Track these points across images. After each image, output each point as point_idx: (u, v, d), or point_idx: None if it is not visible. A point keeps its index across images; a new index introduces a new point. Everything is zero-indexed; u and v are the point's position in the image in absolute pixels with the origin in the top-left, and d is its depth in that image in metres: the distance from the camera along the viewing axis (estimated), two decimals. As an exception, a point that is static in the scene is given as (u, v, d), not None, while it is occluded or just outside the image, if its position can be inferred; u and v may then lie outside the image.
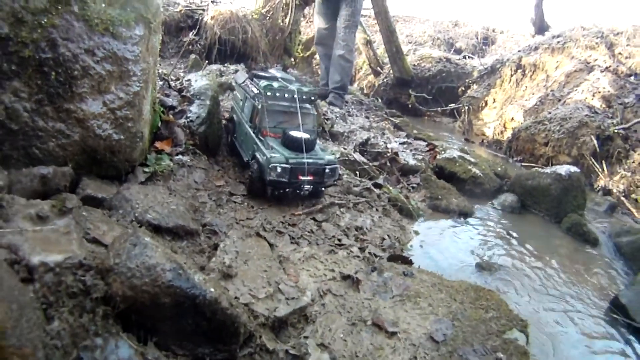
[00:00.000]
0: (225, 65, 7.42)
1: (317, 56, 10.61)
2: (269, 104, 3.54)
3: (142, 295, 1.55)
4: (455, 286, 2.72)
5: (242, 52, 8.51)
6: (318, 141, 3.67)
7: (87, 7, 2.43)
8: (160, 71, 4.07)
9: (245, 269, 2.40)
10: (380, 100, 9.85)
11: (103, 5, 2.50)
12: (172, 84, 4.13)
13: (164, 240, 2.46)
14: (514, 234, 4.18)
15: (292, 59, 9.57)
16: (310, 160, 3.31)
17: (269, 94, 3.55)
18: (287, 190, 3.36)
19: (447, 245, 3.74)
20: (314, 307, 2.32)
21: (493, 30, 17.86)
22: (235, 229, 2.89)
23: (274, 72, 4.18)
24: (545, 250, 3.96)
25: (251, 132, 3.60)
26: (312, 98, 3.75)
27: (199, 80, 3.99)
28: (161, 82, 3.98)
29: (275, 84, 3.64)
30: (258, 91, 3.63)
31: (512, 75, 9.65)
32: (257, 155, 3.38)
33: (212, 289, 1.69)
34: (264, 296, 2.21)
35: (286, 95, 3.62)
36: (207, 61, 6.77)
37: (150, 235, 1.81)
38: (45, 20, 2.29)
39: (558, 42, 9.45)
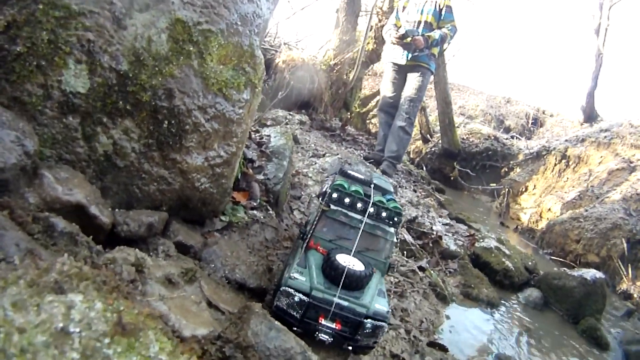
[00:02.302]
0: (291, 113, 7.67)
1: (372, 113, 10.90)
2: (331, 210, 2.70)
3: None
4: None
5: (305, 100, 8.70)
6: (381, 281, 2.64)
7: (206, 65, 2.62)
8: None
9: (315, 342, 2.41)
10: (424, 167, 10.04)
11: (220, 66, 2.70)
12: (253, 135, 4.30)
13: (245, 297, 2.62)
14: (533, 330, 4.33)
15: (349, 114, 9.81)
16: (345, 304, 2.31)
17: (334, 195, 2.71)
18: (295, 329, 2.29)
19: (473, 333, 3.88)
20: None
21: (543, 112, 17.97)
22: None
23: (374, 176, 3.22)
24: (559, 349, 4.11)
25: (299, 237, 2.88)
26: (396, 219, 2.75)
27: (277, 138, 4.18)
28: (244, 133, 4.17)
29: (353, 187, 2.79)
30: (325, 190, 2.85)
31: (555, 165, 9.76)
32: (285, 269, 2.63)
33: None
34: None
35: (359, 204, 2.71)
36: (271, 104, 7.07)
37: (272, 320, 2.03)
38: (166, 69, 2.48)
39: (605, 136, 9.57)
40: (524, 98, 18.81)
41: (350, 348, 2.40)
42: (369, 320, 2.31)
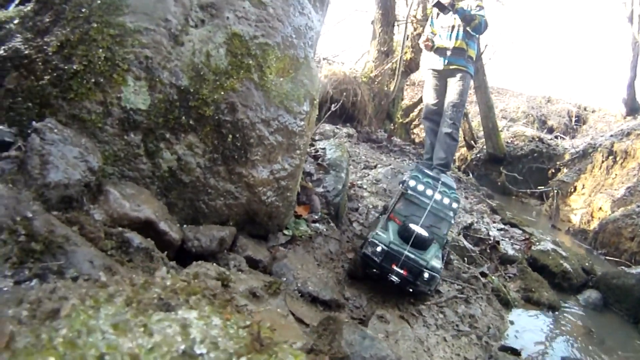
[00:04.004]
0: (338, 127, 7.67)
1: (415, 123, 10.83)
2: (409, 193, 3.65)
3: None
4: None
5: (350, 113, 8.71)
6: (439, 250, 3.49)
7: (266, 78, 2.61)
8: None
9: (399, 348, 2.63)
10: (471, 174, 9.90)
11: (280, 78, 2.69)
12: (308, 149, 4.29)
13: (317, 309, 2.60)
14: (595, 331, 4.22)
15: (393, 125, 9.77)
16: (411, 256, 3.14)
17: (411, 183, 3.69)
18: (375, 271, 3.19)
19: (537, 337, 3.85)
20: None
21: (585, 109, 17.62)
22: (374, 302, 3.14)
23: (442, 175, 4.32)
24: (622, 350, 3.98)
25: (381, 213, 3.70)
26: (455, 206, 3.73)
27: (332, 150, 4.18)
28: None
29: (425, 179, 3.77)
30: (406, 178, 3.75)
31: (603, 162, 9.49)
32: (370, 230, 3.45)
33: None
34: None
35: (428, 191, 3.69)
36: (323, 118, 7.07)
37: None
38: (227, 83, 2.47)
39: None
40: (564, 96, 18.54)
41: (411, 290, 3.19)
42: (427, 270, 3.10)
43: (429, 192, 3.69)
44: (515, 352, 3.26)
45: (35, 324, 1.02)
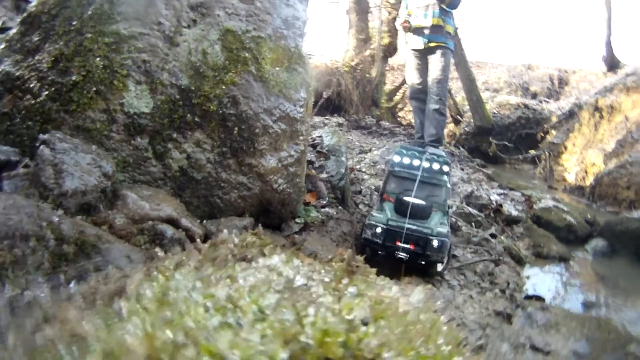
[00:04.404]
0: (327, 118, 7.74)
1: (399, 106, 10.88)
2: (396, 170, 3.53)
3: None
4: (581, 317, 3.17)
5: (336, 104, 8.77)
6: (443, 217, 3.39)
7: (263, 69, 2.66)
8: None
9: None
10: (462, 148, 9.97)
11: (276, 68, 2.74)
12: (306, 138, 4.36)
13: None
14: (607, 276, 4.38)
15: (379, 110, 9.82)
16: (413, 227, 3.04)
17: (396, 159, 3.58)
18: (380, 253, 3.13)
19: (555, 286, 4.02)
20: (481, 338, 2.62)
21: (565, 71, 17.60)
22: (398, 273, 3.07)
23: (429, 149, 4.25)
24: (635, 290, 4.07)
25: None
26: (445, 168, 3.58)
27: (329, 137, 4.24)
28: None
29: (409, 152, 3.62)
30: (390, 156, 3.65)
31: (590, 119, 9.55)
32: (367, 215, 3.39)
33: None
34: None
35: (415, 162, 3.55)
36: (313, 111, 7.10)
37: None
38: (227, 77, 2.52)
39: (632, 80, 9.34)
40: (544, 61, 18.53)
41: (423, 263, 3.10)
42: (434, 237, 3.01)
43: (416, 162, 3.56)
44: (540, 299, 3.39)
45: (100, 305, 1.02)
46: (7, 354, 0.92)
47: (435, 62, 7.00)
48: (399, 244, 3.01)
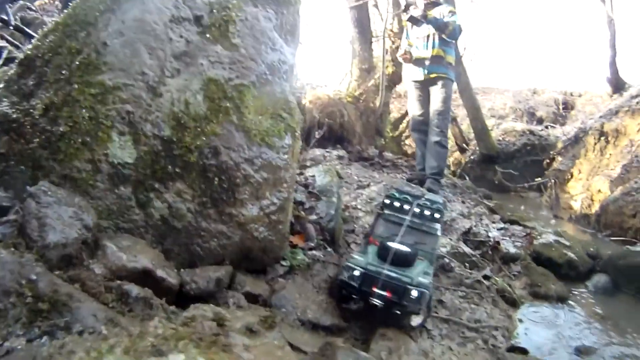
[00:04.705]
0: (328, 150, 7.74)
1: (404, 134, 10.88)
2: (385, 214, 3.51)
3: None
4: None
5: (339, 135, 8.73)
6: (429, 266, 3.21)
7: (245, 118, 2.70)
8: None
9: None
10: (467, 177, 9.92)
11: (259, 116, 2.78)
12: (298, 178, 4.32)
13: (319, 335, 2.64)
14: (607, 316, 4.19)
15: (383, 140, 9.81)
16: (392, 274, 2.88)
17: (387, 202, 3.55)
18: (355, 297, 2.97)
19: (548, 330, 3.82)
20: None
21: (571, 94, 17.49)
22: (378, 321, 3.03)
23: (426, 193, 4.10)
24: (637, 331, 3.91)
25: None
26: (437, 215, 3.51)
27: (322, 176, 4.24)
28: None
29: (402, 196, 3.59)
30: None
31: (595, 144, 9.44)
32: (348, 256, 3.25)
33: None
34: None
35: (406, 207, 3.51)
36: (307, 145, 7.13)
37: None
38: (208, 128, 2.57)
39: (637, 102, 9.25)
40: (549, 85, 18.38)
41: (398, 312, 2.86)
42: (413, 287, 2.79)
43: (406, 207, 3.52)
44: (523, 351, 3.24)
45: None
46: None
47: (436, 93, 7.03)
48: (375, 289, 2.84)
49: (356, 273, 2.88)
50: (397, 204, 3.54)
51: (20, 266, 1.76)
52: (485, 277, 4.22)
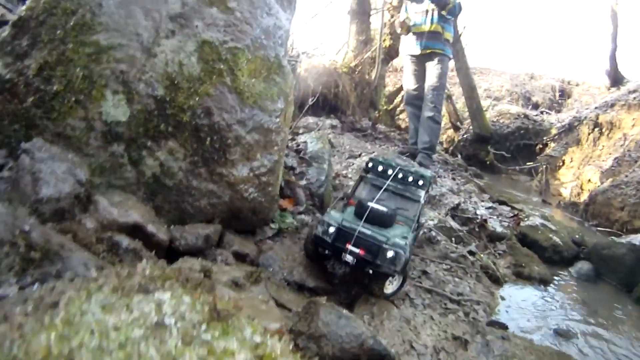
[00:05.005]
0: (321, 119, 7.79)
1: (399, 109, 10.89)
2: (368, 177, 3.37)
3: (348, 355, 1.91)
4: (542, 350, 3.01)
5: (333, 104, 8.78)
6: (409, 232, 3.04)
7: (238, 80, 2.72)
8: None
9: (384, 328, 2.69)
10: (460, 155, 9.98)
11: (252, 79, 2.80)
12: (290, 144, 4.38)
13: (304, 296, 2.70)
14: (588, 302, 4.27)
15: (377, 112, 9.83)
16: (368, 232, 2.77)
17: (370, 165, 3.39)
18: (327, 252, 2.85)
19: (529, 311, 3.88)
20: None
21: (569, 83, 17.55)
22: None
23: (419, 169, 3.77)
24: (615, 319, 4.03)
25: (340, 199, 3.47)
26: (420, 182, 3.29)
27: (314, 143, 4.28)
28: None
29: (386, 162, 3.40)
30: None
31: (589, 134, 9.54)
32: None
33: (392, 349, 2.05)
34: (402, 352, 2.51)
35: (389, 172, 3.33)
36: (301, 113, 7.13)
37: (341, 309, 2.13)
38: (201, 88, 2.59)
39: (634, 97, 9.30)
40: (548, 71, 18.52)
41: (371, 272, 2.75)
42: (389, 247, 2.69)
43: (390, 172, 3.33)
44: (503, 326, 3.28)
45: (39, 314, 1.20)
46: None
47: (432, 69, 7.04)
48: (349, 246, 2.74)
49: (331, 229, 2.80)
50: (380, 167, 3.38)
51: (13, 218, 1.80)
52: (471, 253, 4.29)
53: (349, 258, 2.74)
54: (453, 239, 4.51)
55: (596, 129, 9.48)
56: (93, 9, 2.49)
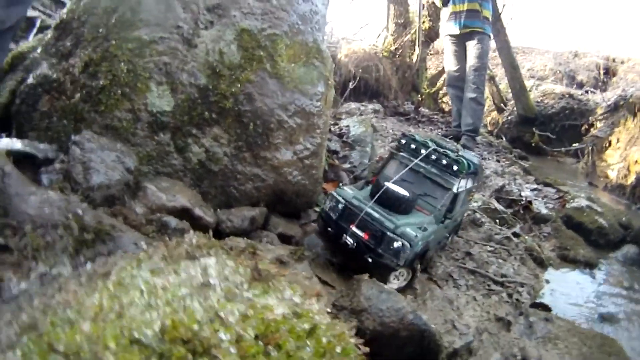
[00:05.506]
0: (364, 104, 7.79)
1: (442, 91, 10.77)
2: (399, 155, 3.03)
3: (388, 329, 1.94)
4: (585, 333, 2.99)
5: (374, 89, 8.79)
6: (432, 224, 2.74)
7: (278, 66, 2.78)
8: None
9: (427, 308, 2.70)
10: (504, 138, 9.81)
11: (292, 64, 2.85)
12: (332, 128, 4.43)
13: (349, 275, 2.57)
14: (634, 287, 4.17)
15: (420, 96, 9.76)
16: (375, 215, 2.47)
17: (403, 141, 3.05)
18: (330, 230, 2.60)
19: (575, 295, 3.82)
20: (474, 342, 2.58)
21: (614, 60, 16.97)
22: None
23: (466, 154, 3.14)
24: None
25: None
26: (456, 168, 2.86)
27: (356, 127, 4.32)
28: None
29: (422, 139, 3.03)
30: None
31: (636, 113, 9.27)
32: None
33: (432, 325, 2.07)
34: (444, 331, 2.50)
35: (422, 151, 2.94)
36: (342, 98, 7.15)
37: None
38: (242, 75, 2.66)
39: None
40: (592, 49, 17.88)
41: (370, 260, 2.45)
42: (395, 236, 2.39)
43: (423, 151, 2.94)
44: (547, 308, 3.26)
45: (92, 283, 1.30)
46: (32, 312, 1.20)
47: (472, 49, 6.95)
48: (353, 227, 2.48)
49: (339, 205, 2.57)
50: (413, 145, 3.00)
51: (67, 203, 1.91)
52: (515, 235, 4.24)
53: (349, 240, 2.49)
54: (497, 220, 4.47)
55: (642, 108, 9.14)
56: (133, 5, 2.59)
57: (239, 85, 2.65)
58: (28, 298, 1.28)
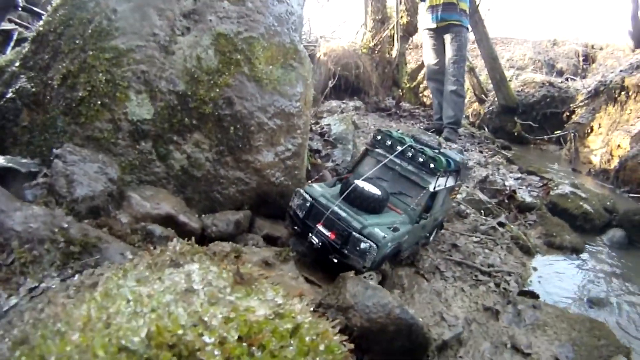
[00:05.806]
0: (344, 102, 7.81)
1: (422, 85, 10.81)
2: (374, 152, 2.94)
3: (375, 325, 1.95)
4: (574, 318, 3.00)
5: (355, 86, 8.79)
6: (405, 224, 2.64)
7: (256, 68, 2.79)
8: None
9: (415, 301, 2.73)
10: (486, 129, 9.89)
11: (269, 66, 2.87)
12: (313, 127, 4.45)
13: (334, 275, 2.68)
14: (621, 270, 4.22)
15: (400, 91, 9.80)
16: (342, 214, 2.38)
17: (378, 138, 2.95)
18: (296, 228, 2.56)
19: (562, 280, 3.86)
20: (464, 332, 2.61)
21: (592, 47, 17.09)
22: (394, 263, 3.00)
23: (448, 152, 3.10)
24: None
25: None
26: (432, 166, 2.73)
27: (337, 125, 4.34)
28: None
29: (399, 137, 2.92)
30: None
31: (616, 98, 9.35)
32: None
33: (420, 319, 2.08)
34: (433, 323, 2.54)
35: (398, 148, 2.83)
36: (322, 97, 7.15)
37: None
38: (220, 80, 2.67)
39: None
40: (570, 37, 17.93)
41: (335, 261, 2.37)
42: (361, 237, 2.29)
43: (398, 147, 2.84)
44: (534, 296, 3.26)
45: (80, 294, 1.34)
46: (23, 327, 1.24)
47: (451, 42, 7.04)
48: (319, 227, 2.40)
49: (307, 204, 2.49)
50: (389, 142, 2.89)
51: (52, 217, 1.94)
52: (500, 224, 4.28)
53: (314, 239, 2.40)
54: (482, 211, 4.50)
55: (623, 93, 9.24)
56: (108, 15, 2.59)
57: (217, 90, 2.67)
58: (18, 313, 1.32)
